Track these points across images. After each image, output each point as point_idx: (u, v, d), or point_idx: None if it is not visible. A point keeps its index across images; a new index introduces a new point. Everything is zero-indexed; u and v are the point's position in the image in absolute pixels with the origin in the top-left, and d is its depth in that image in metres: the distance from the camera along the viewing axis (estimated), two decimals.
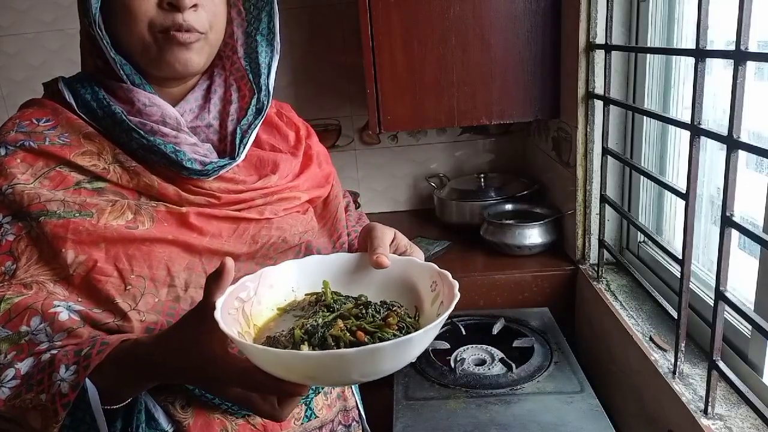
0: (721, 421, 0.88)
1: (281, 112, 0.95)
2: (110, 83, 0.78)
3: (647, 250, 1.32)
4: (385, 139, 2.01)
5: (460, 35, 1.49)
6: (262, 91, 0.85)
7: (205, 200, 0.78)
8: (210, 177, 0.78)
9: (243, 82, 0.86)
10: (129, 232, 0.73)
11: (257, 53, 0.85)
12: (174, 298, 0.74)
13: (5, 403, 0.64)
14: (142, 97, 0.77)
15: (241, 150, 0.81)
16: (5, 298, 0.68)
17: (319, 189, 0.92)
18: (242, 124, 0.83)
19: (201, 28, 0.75)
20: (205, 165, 0.77)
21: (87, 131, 0.76)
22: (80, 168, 0.75)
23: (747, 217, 0.93)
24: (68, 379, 0.63)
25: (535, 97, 1.53)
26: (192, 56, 0.76)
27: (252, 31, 0.85)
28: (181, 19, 0.73)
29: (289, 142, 0.91)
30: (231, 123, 0.83)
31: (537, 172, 1.85)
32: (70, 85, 0.79)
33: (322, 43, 1.90)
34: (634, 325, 1.16)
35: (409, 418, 1.06)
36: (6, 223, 0.72)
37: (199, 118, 0.82)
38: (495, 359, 1.21)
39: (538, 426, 1.02)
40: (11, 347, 0.67)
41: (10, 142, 0.75)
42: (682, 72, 1.21)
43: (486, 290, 1.51)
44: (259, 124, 0.84)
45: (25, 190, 0.72)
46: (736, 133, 0.81)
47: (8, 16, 1.90)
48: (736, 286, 0.97)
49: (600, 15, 1.28)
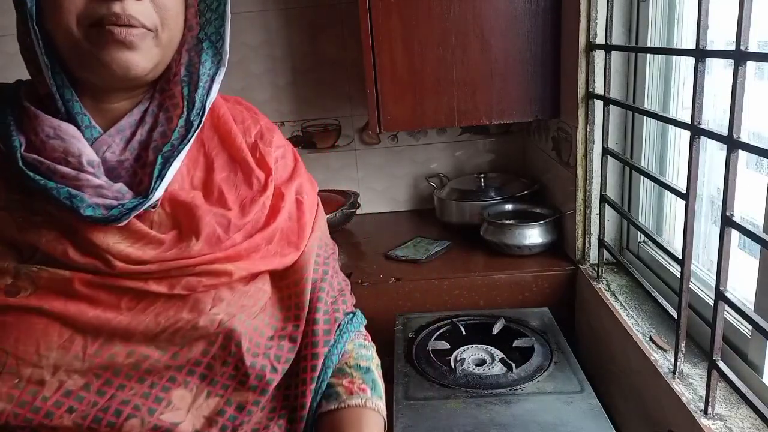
0: (721, 421, 0.88)
1: (257, 146, 0.76)
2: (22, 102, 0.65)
3: (647, 250, 1.32)
4: (385, 139, 2.01)
5: (460, 35, 1.49)
6: (194, 108, 0.68)
7: (94, 266, 0.63)
8: (120, 223, 0.62)
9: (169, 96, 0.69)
10: (3, 298, 0.61)
11: (200, 62, 0.69)
12: (38, 381, 0.61)
13: None
14: (47, 126, 0.63)
15: (157, 185, 0.64)
16: None
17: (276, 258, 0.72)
18: (164, 151, 0.66)
19: (147, 22, 0.62)
20: (110, 210, 0.62)
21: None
22: None
23: (747, 217, 0.93)
24: None
25: (535, 97, 1.53)
26: (134, 57, 0.62)
27: (202, 36, 0.70)
28: (118, 8, 0.59)
29: (252, 187, 0.73)
30: (153, 151, 0.67)
31: (537, 172, 1.85)
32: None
33: (322, 43, 1.90)
34: (634, 325, 1.16)
35: (409, 418, 1.06)
36: None
37: (128, 149, 0.67)
38: (495, 359, 1.21)
39: (538, 426, 1.02)
40: None
41: None
42: (682, 72, 1.21)
43: (486, 290, 1.51)
44: (185, 151, 0.67)
45: None
46: (736, 133, 0.81)
47: (9, 16, 1.89)
48: (736, 286, 0.97)
49: (600, 15, 1.28)
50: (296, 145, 1.99)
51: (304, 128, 1.98)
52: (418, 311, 1.48)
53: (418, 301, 1.51)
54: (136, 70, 0.63)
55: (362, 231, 1.90)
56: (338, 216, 1.78)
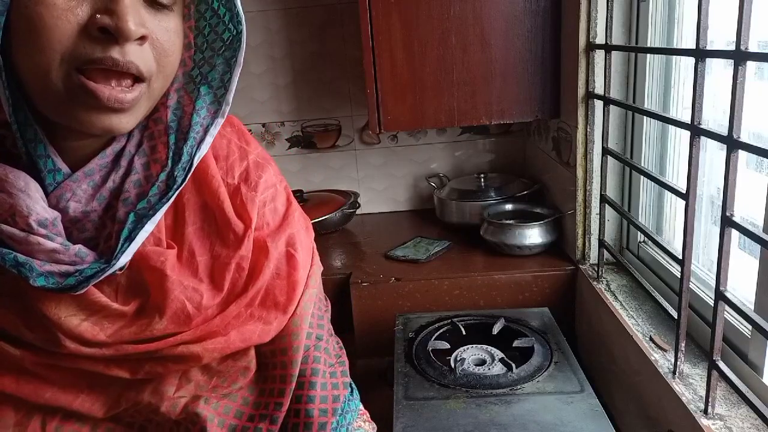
0: (721, 421, 0.88)
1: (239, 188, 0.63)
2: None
3: (647, 250, 1.32)
4: (385, 139, 2.01)
5: (460, 35, 1.49)
6: (180, 162, 0.57)
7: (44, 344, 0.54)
8: (77, 291, 0.52)
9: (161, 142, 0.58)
10: None
11: (193, 108, 0.58)
12: None
13: None
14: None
15: (124, 249, 0.54)
16: None
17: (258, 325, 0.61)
18: (138, 208, 0.55)
19: (144, 69, 0.51)
20: (65, 278, 0.52)
21: None
22: None
23: (747, 217, 0.93)
24: None
25: (535, 97, 1.53)
26: (121, 120, 0.52)
27: (197, 76, 0.59)
28: (117, 53, 0.48)
29: (228, 243, 0.61)
30: (123, 204, 0.56)
31: (537, 172, 1.85)
32: None
33: (321, 43, 1.90)
34: (634, 325, 1.16)
35: (409, 418, 1.06)
36: None
37: (96, 198, 0.56)
38: (495, 359, 1.21)
39: (538, 426, 1.02)
40: None
41: None
42: (682, 72, 1.21)
43: (486, 290, 1.51)
44: (162, 211, 0.56)
45: None
46: (736, 133, 0.81)
47: None
48: (736, 286, 0.97)
49: (600, 15, 1.28)
50: (296, 145, 1.99)
51: (304, 128, 1.98)
52: (418, 311, 1.48)
53: (418, 301, 1.51)
54: (119, 131, 0.53)
55: (362, 231, 1.90)
56: (338, 216, 1.78)
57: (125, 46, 0.49)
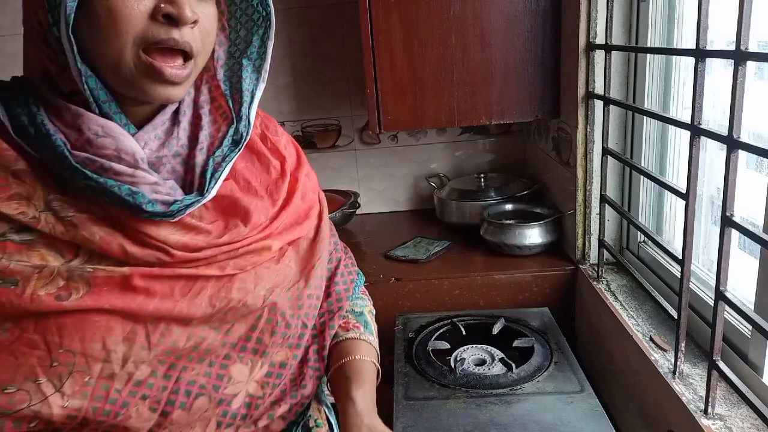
0: (721, 421, 0.88)
1: (266, 136, 0.81)
2: (54, 99, 0.63)
3: (647, 250, 1.32)
4: (385, 139, 2.01)
5: (460, 35, 1.49)
6: (242, 121, 0.73)
7: (156, 257, 0.65)
8: (174, 219, 0.65)
9: (215, 105, 0.74)
10: (57, 304, 0.61)
11: (240, 78, 0.74)
12: (108, 376, 0.64)
13: None
14: (93, 124, 0.63)
15: (212, 185, 0.68)
16: None
17: (297, 227, 0.79)
18: (215, 155, 0.70)
19: (195, 47, 0.64)
20: (169, 205, 0.64)
21: (16, 168, 0.62)
22: (5, 216, 0.61)
23: (747, 217, 0.93)
24: None
25: (535, 97, 1.53)
26: (176, 91, 0.65)
27: (236, 52, 0.74)
28: (177, 35, 0.62)
29: (271, 174, 0.78)
30: (200, 153, 0.70)
31: (537, 172, 1.85)
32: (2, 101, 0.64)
33: (321, 43, 1.90)
34: (634, 325, 1.16)
35: (409, 418, 1.06)
36: None
37: (165, 146, 0.69)
38: (495, 359, 1.21)
39: (538, 426, 1.02)
40: None
41: None
42: (682, 72, 1.21)
43: (486, 290, 1.51)
44: (235, 158, 0.72)
45: None
46: (736, 133, 0.81)
47: (8, 16, 1.90)
48: (736, 286, 0.97)
49: (600, 15, 1.28)
50: None
51: (304, 128, 1.98)
52: (418, 311, 1.48)
53: (418, 301, 1.51)
54: (174, 100, 0.67)
55: (362, 231, 1.90)
56: (338, 216, 1.78)
57: (183, 29, 0.62)
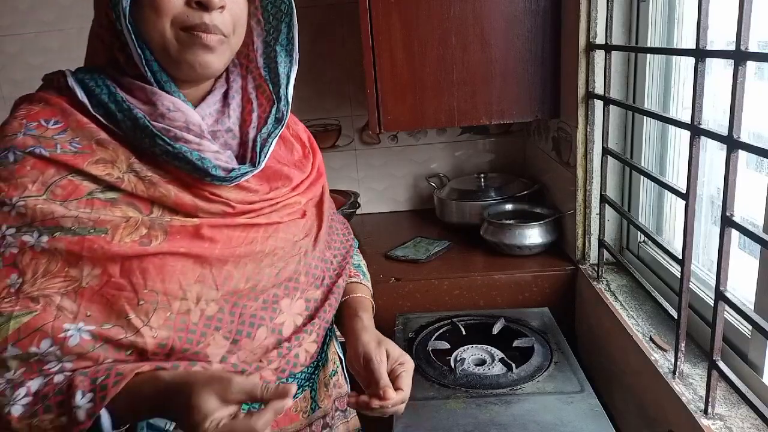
0: (721, 421, 0.88)
1: (288, 125, 0.95)
2: (126, 81, 0.76)
3: (647, 250, 1.32)
4: (385, 139, 2.01)
5: (460, 35, 1.49)
6: (282, 101, 0.85)
7: (221, 209, 0.78)
8: (232, 183, 0.78)
9: (260, 91, 0.86)
10: (142, 248, 0.72)
11: (276, 63, 0.85)
12: (185, 311, 0.75)
13: (20, 420, 0.67)
14: (166, 101, 0.75)
15: (262, 158, 0.81)
16: (14, 316, 0.68)
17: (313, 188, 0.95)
18: (262, 132, 0.83)
19: (225, 30, 0.75)
20: (229, 172, 0.77)
21: (100, 137, 0.74)
22: (93, 177, 0.72)
23: (747, 217, 0.93)
24: (85, 407, 0.67)
25: (535, 97, 1.53)
26: (213, 59, 0.75)
27: (271, 41, 0.85)
28: (207, 19, 0.73)
29: (294, 155, 0.93)
30: (252, 130, 0.83)
31: (537, 172, 1.85)
32: (81, 82, 0.75)
33: (322, 43, 1.90)
34: (634, 325, 1.16)
35: (409, 418, 1.06)
36: (9, 235, 0.70)
37: (219, 122, 0.82)
38: (495, 359, 1.21)
39: (538, 426, 1.02)
40: (20, 365, 0.69)
41: (19, 146, 0.71)
42: (682, 72, 1.21)
43: (486, 290, 1.51)
44: (279, 134, 0.85)
45: (37, 204, 0.70)
46: (736, 133, 0.81)
47: (8, 16, 1.90)
48: (736, 286, 0.97)
49: (600, 15, 1.28)
50: None
51: None
52: (418, 311, 1.48)
53: (418, 301, 1.51)
54: (212, 69, 0.76)
55: (362, 231, 1.90)
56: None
57: (213, 14, 0.73)
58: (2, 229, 0.70)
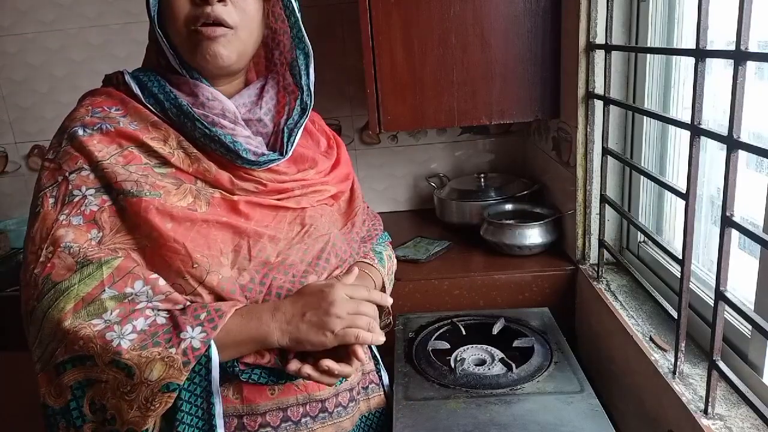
0: (721, 421, 0.88)
1: (314, 120, 1.07)
2: (174, 78, 0.88)
3: (647, 250, 1.32)
4: (385, 139, 2.01)
5: (460, 35, 1.49)
6: (305, 92, 0.95)
7: (254, 186, 0.89)
8: (260, 167, 0.89)
9: (287, 84, 0.96)
10: (191, 212, 0.83)
11: (296, 57, 0.95)
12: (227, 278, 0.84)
13: (128, 352, 0.74)
14: (206, 92, 0.87)
15: (289, 147, 0.92)
16: (104, 261, 0.77)
17: (342, 184, 1.05)
18: (289, 123, 0.93)
19: (230, 21, 0.83)
20: (258, 156, 0.88)
21: (153, 120, 0.86)
22: (150, 150, 0.84)
23: (747, 217, 0.93)
24: (198, 336, 0.76)
25: (535, 97, 1.53)
26: (219, 49, 0.84)
27: (293, 37, 0.95)
28: (210, 10, 0.81)
29: (320, 147, 1.04)
30: (283, 122, 0.94)
31: (537, 172, 1.85)
32: (135, 78, 0.88)
33: (322, 43, 1.89)
34: (634, 325, 1.16)
35: (409, 418, 1.06)
36: (90, 194, 0.81)
37: (251, 112, 0.92)
38: (495, 359, 1.21)
39: (538, 426, 1.02)
40: (117, 305, 0.77)
41: (88, 124, 0.84)
42: (682, 72, 1.21)
43: (486, 290, 1.51)
44: (305, 123, 0.94)
45: (107, 168, 0.81)
46: (736, 133, 0.81)
47: (8, 16, 1.90)
48: (736, 286, 0.97)
49: (600, 15, 1.28)
50: None
51: None
52: (418, 311, 1.48)
53: (418, 301, 1.51)
54: (222, 59, 0.84)
55: None
56: None
57: (214, 6, 0.81)
58: (83, 190, 0.81)
